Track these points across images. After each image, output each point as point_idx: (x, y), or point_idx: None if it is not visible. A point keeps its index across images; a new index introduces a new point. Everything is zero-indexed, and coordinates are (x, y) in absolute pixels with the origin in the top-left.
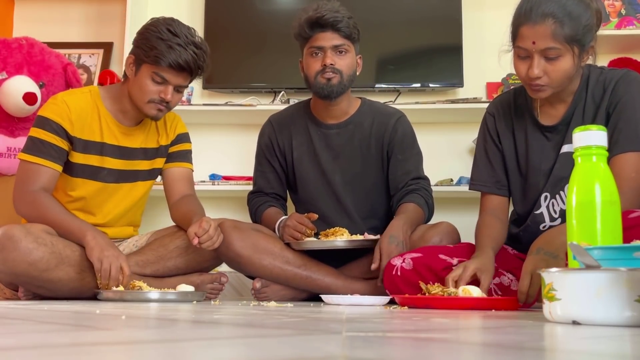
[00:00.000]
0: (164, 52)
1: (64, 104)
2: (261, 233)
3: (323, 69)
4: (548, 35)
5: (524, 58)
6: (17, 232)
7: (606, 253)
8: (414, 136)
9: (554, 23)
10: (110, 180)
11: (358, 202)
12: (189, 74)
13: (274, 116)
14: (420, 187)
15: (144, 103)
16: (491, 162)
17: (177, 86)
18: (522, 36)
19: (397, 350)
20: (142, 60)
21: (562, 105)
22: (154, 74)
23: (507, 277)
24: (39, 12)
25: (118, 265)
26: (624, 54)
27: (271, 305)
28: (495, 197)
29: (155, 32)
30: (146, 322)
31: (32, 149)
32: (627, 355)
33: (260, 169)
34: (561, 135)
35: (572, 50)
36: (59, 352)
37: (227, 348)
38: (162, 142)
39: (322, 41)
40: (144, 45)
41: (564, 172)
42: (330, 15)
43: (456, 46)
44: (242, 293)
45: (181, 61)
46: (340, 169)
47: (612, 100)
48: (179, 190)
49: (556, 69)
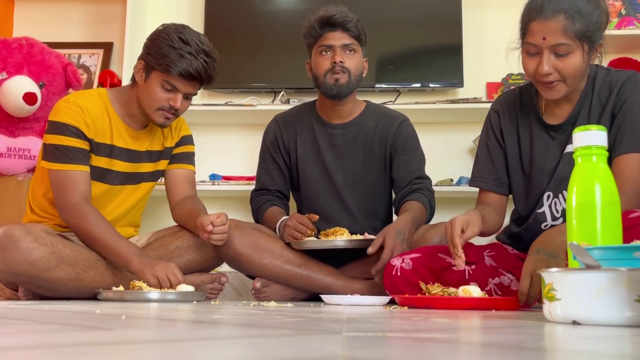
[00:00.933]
0: (175, 61)
1: (77, 107)
2: (262, 232)
3: (332, 67)
4: (559, 30)
5: (533, 55)
6: (18, 231)
7: (606, 253)
8: (417, 139)
9: (565, 19)
10: (116, 183)
11: (359, 201)
12: (199, 82)
13: (280, 115)
14: (423, 187)
15: (153, 110)
16: (492, 159)
17: (186, 94)
18: (532, 32)
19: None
20: (153, 67)
21: (568, 105)
22: (164, 81)
23: (507, 277)
24: (39, 12)
25: (171, 271)
26: (624, 54)
27: (271, 305)
28: (493, 194)
29: (167, 39)
30: (146, 322)
31: (59, 157)
32: (627, 355)
33: (265, 166)
34: (566, 134)
35: (582, 47)
36: (59, 352)
37: (227, 348)
38: (167, 144)
39: (332, 40)
40: (154, 52)
41: (567, 171)
42: (340, 15)
43: (456, 46)
44: (242, 293)
45: (192, 70)
46: (343, 168)
47: (617, 101)
48: (181, 191)
49: (566, 66)
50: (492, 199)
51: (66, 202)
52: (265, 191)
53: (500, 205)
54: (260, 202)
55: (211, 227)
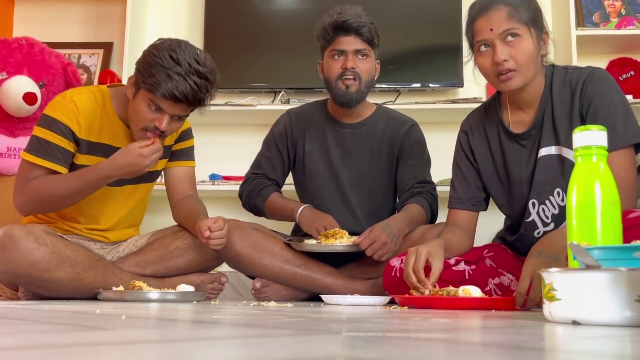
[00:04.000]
0: (161, 82)
1: (72, 105)
2: (261, 232)
3: (343, 72)
4: (503, 18)
5: (485, 50)
6: (18, 232)
7: (606, 253)
8: (425, 144)
9: (505, 6)
10: (113, 184)
11: (362, 201)
12: (187, 104)
13: (293, 109)
14: (425, 191)
15: (137, 130)
16: (466, 179)
17: (174, 115)
18: (478, 30)
19: (397, 350)
20: (140, 85)
21: (531, 110)
22: (150, 101)
23: (507, 277)
24: (39, 12)
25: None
26: (624, 54)
27: (271, 305)
28: (467, 212)
29: (157, 56)
30: (146, 322)
31: (37, 149)
32: (627, 355)
33: (268, 154)
34: (535, 140)
35: (529, 30)
36: (59, 352)
37: (227, 348)
38: (166, 143)
39: (345, 45)
40: (143, 69)
41: (544, 176)
42: (353, 20)
43: (456, 46)
44: (242, 293)
45: (177, 93)
46: (349, 168)
47: (583, 101)
48: (181, 190)
49: (519, 50)
50: (464, 218)
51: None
52: (264, 176)
53: (471, 223)
54: (262, 184)
55: (208, 233)
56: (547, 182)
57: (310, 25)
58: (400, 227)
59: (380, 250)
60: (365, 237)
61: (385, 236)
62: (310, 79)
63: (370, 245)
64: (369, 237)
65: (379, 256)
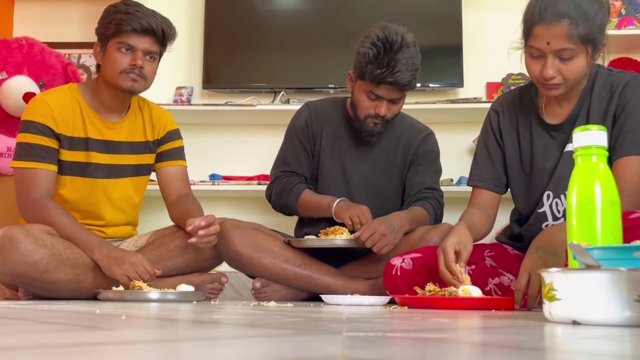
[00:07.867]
0: (124, 19)
1: (44, 103)
2: (261, 232)
3: (376, 115)
4: (563, 36)
5: (537, 57)
6: (17, 233)
7: (606, 253)
8: (438, 154)
9: (569, 24)
10: (99, 176)
11: (371, 206)
12: (154, 37)
13: (312, 102)
14: (431, 197)
15: (117, 76)
16: (492, 158)
17: (146, 52)
18: (535, 36)
19: (397, 350)
20: (106, 38)
21: (568, 104)
22: (119, 44)
23: (507, 277)
24: (39, 12)
25: (142, 269)
26: (624, 54)
27: (271, 305)
28: (488, 192)
29: (112, 7)
30: (146, 322)
31: (22, 155)
32: (627, 355)
33: (293, 149)
34: (566, 134)
35: (586, 50)
36: (59, 352)
37: (227, 348)
38: (149, 137)
39: (384, 93)
40: (104, 23)
41: (567, 171)
42: (401, 77)
43: (456, 46)
44: (242, 293)
45: (144, 22)
46: (362, 171)
47: (619, 103)
48: (175, 190)
49: (570, 69)
50: (487, 198)
51: (26, 199)
52: (294, 173)
53: (492, 205)
54: (294, 182)
55: (202, 232)
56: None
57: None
58: (401, 222)
59: (380, 242)
60: (364, 229)
61: (384, 228)
62: (311, 79)
63: (369, 236)
64: (369, 229)
65: (378, 248)
